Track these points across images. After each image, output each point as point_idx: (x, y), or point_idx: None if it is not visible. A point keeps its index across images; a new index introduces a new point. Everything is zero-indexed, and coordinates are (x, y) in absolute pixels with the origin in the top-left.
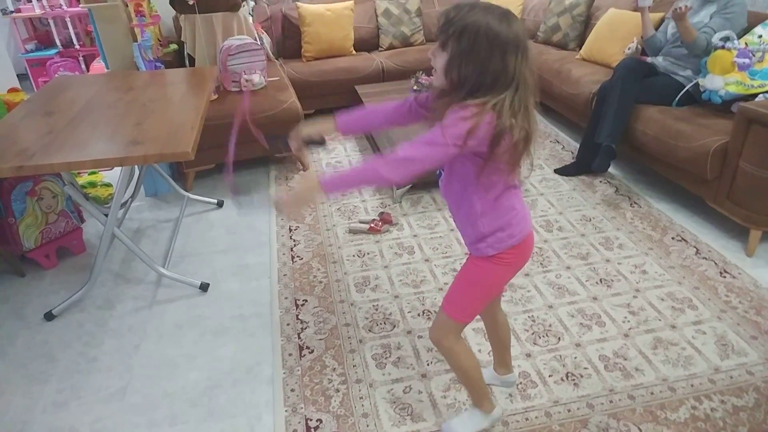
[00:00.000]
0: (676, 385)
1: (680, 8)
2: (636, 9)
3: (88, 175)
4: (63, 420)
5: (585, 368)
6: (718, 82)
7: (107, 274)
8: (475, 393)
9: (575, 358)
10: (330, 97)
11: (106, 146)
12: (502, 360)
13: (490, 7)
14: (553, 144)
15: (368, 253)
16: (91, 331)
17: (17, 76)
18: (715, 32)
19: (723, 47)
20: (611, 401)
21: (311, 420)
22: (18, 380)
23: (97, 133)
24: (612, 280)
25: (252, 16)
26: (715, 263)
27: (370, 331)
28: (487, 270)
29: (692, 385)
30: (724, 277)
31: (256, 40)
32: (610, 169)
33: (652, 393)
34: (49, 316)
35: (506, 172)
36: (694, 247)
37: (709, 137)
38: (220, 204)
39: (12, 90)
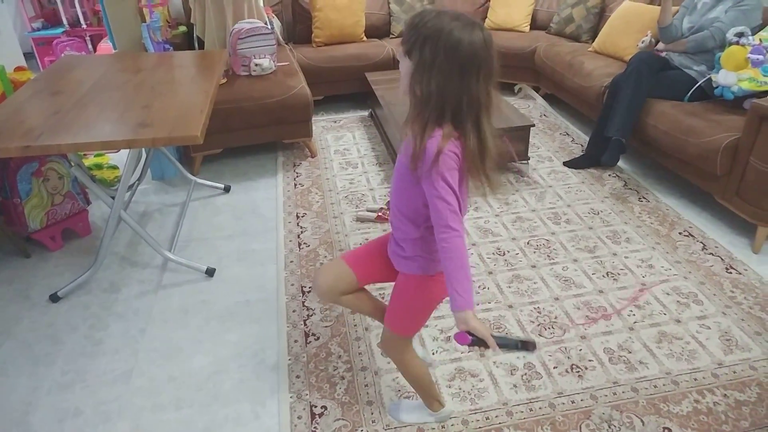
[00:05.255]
0: (679, 379)
1: None
2: None
3: (94, 157)
4: (68, 402)
5: (590, 360)
6: (731, 78)
7: (113, 257)
8: (425, 396)
9: (580, 350)
10: (340, 83)
11: (114, 128)
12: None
13: (458, 16)
14: (562, 136)
15: None
16: (96, 313)
17: (23, 54)
18: (728, 26)
19: (737, 43)
20: (615, 393)
21: (316, 407)
22: (23, 361)
23: (105, 114)
24: (618, 274)
25: None
26: (722, 259)
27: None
28: (417, 288)
29: (695, 379)
30: (730, 273)
31: (266, 24)
32: (620, 163)
33: (655, 386)
34: (54, 298)
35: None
36: (701, 242)
37: (720, 133)
38: (227, 189)
39: (18, 69)
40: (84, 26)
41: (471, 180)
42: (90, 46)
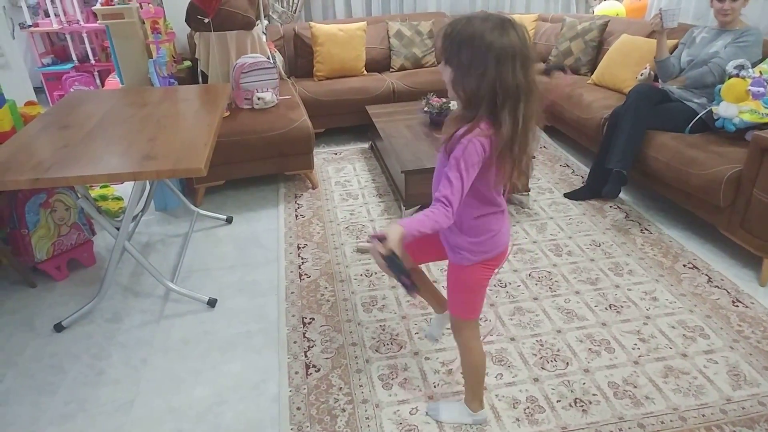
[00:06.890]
0: (687, 415)
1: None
2: (658, 29)
3: (100, 188)
4: None
5: (594, 394)
6: (733, 110)
7: (116, 287)
8: (471, 390)
9: (584, 384)
10: (341, 116)
11: (120, 161)
12: (436, 297)
13: (487, 17)
14: (563, 168)
15: (376, 273)
16: (99, 343)
17: (33, 89)
18: (727, 62)
19: (737, 75)
20: (620, 429)
21: None
22: (26, 391)
23: (111, 147)
24: (621, 306)
25: (265, 34)
26: (728, 292)
27: (377, 351)
28: (466, 275)
29: (703, 415)
30: (737, 306)
31: (269, 58)
32: (621, 195)
33: (662, 422)
34: (58, 328)
35: (493, 188)
36: (706, 275)
37: (722, 165)
38: (229, 220)
39: (29, 103)
40: (93, 62)
41: (501, 168)
42: (98, 81)
